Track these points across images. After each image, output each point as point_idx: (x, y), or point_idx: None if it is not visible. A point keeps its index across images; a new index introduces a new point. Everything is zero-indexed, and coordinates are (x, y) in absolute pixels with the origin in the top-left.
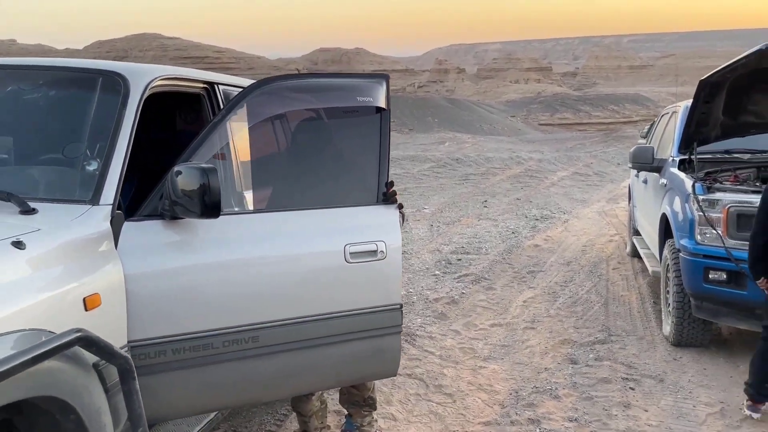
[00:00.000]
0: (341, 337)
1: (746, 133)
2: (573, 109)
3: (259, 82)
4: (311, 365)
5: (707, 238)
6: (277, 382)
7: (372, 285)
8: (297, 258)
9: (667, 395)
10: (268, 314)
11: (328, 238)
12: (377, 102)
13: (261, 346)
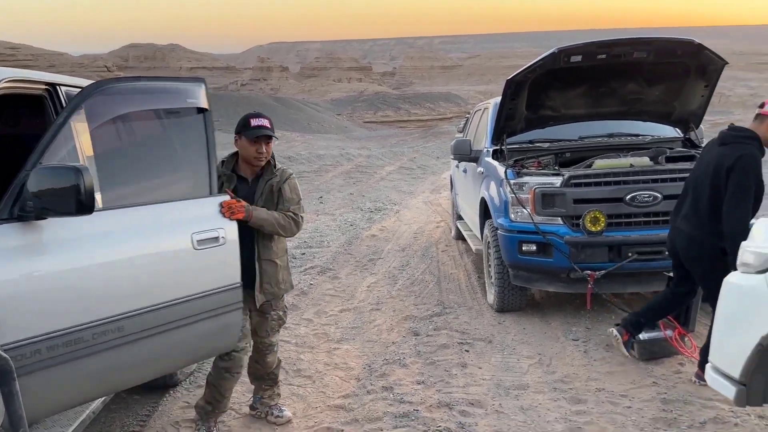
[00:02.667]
0: (196, 317)
1: (546, 125)
2: (394, 107)
3: (95, 84)
4: (173, 346)
5: (519, 216)
6: (145, 366)
7: (217, 268)
8: (149, 249)
9: (495, 353)
10: (130, 304)
11: (176, 228)
12: (200, 103)
13: (127, 335)
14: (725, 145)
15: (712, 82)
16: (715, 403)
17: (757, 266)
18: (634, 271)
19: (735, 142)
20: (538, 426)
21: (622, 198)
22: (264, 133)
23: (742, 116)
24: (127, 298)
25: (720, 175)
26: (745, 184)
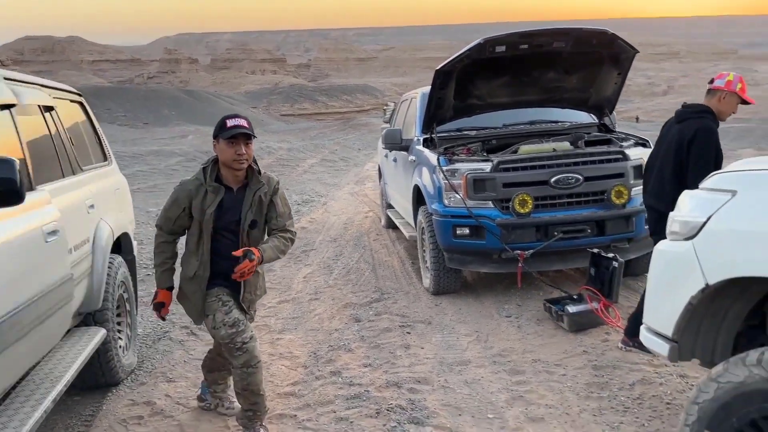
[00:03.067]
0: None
1: (472, 113)
2: (311, 100)
3: None
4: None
5: (452, 201)
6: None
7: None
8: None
9: (436, 333)
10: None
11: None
12: None
13: None
14: (683, 122)
15: (624, 69)
16: (641, 366)
17: (684, 234)
18: (560, 249)
19: (691, 117)
20: (483, 397)
21: (547, 181)
22: (241, 132)
23: (641, 104)
24: None
25: (683, 150)
26: (706, 154)
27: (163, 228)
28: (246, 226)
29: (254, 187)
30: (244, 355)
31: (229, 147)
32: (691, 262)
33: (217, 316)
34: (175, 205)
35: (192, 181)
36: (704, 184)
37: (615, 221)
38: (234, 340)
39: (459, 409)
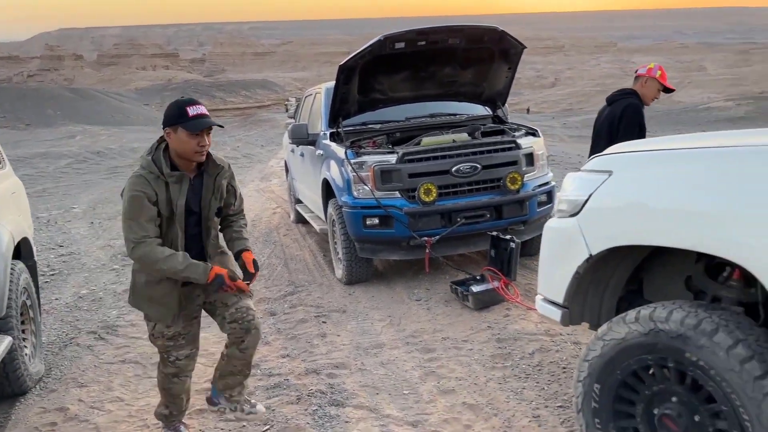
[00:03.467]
0: None
1: (376, 107)
2: (208, 96)
3: None
4: None
5: (361, 192)
6: None
7: None
8: None
9: (351, 321)
10: None
11: None
12: None
13: None
14: (614, 103)
15: (514, 64)
16: (539, 336)
17: (570, 211)
18: (463, 234)
19: (619, 98)
20: (398, 375)
21: (449, 170)
22: (209, 124)
23: (531, 96)
24: None
25: (614, 126)
26: (632, 128)
27: (150, 234)
28: (212, 215)
29: (213, 173)
30: (173, 368)
31: (191, 138)
32: (576, 235)
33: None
34: (144, 207)
35: (144, 175)
36: (585, 167)
37: (511, 206)
38: (169, 353)
39: (376, 389)
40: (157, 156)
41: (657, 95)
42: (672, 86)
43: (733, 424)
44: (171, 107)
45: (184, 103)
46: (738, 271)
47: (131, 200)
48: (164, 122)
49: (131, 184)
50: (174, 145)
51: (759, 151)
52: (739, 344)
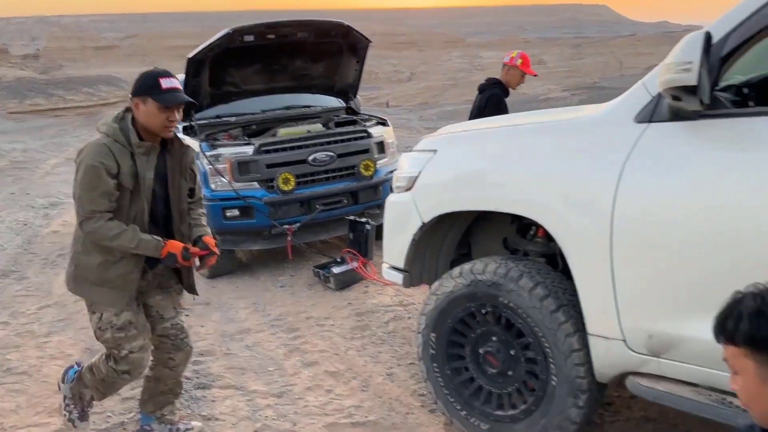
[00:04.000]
0: None
1: (230, 100)
2: (44, 94)
3: None
4: None
5: (219, 185)
6: None
7: None
8: None
9: (215, 312)
10: None
11: None
12: None
13: None
14: (482, 92)
15: (361, 58)
16: (394, 307)
17: (405, 186)
18: (323, 220)
19: (486, 88)
20: (264, 355)
21: (305, 159)
22: (182, 100)
23: (389, 90)
24: None
25: (482, 113)
26: (489, 115)
27: (101, 209)
28: (183, 196)
29: (177, 152)
30: (126, 365)
31: (161, 112)
32: (411, 207)
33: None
34: (101, 179)
35: (108, 144)
36: (416, 147)
37: (366, 191)
38: (121, 346)
39: (243, 369)
40: (125, 125)
41: (521, 80)
42: (534, 72)
43: (538, 352)
44: (143, 77)
45: (157, 74)
46: (541, 229)
47: (88, 170)
48: (134, 91)
49: (91, 153)
50: (141, 118)
51: (539, 128)
52: (539, 286)
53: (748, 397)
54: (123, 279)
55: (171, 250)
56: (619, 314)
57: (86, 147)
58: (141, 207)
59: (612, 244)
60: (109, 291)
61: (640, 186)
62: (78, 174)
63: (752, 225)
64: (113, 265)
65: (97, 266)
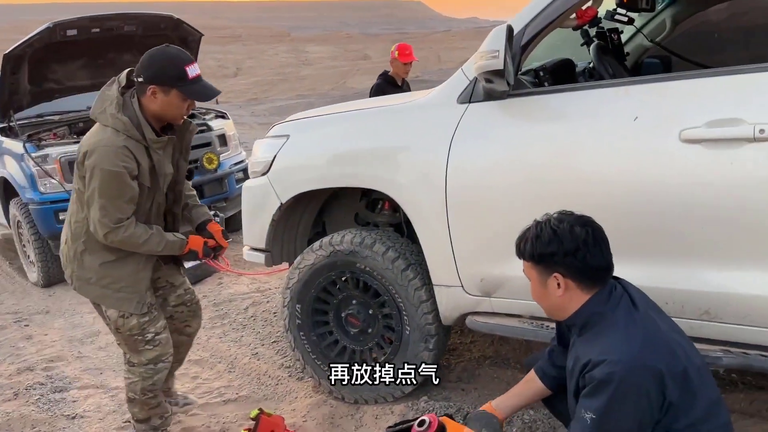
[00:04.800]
0: None
1: (53, 97)
2: None
3: None
4: None
5: (49, 186)
6: None
7: None
8: None
9: (57, 319)
10: None
11: None
12: None
13: None
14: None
15: (194, 51)
16: (251, 294)
17: (261, 171)
18: None
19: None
20: (118, 355)
21: None
22: (216, 93)
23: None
24: None
25: None
26: None
27: (128, 215)
28: (182, 177)
29: (183, 130)
30: (155, 349)
31: (182, 102)
32: (269, 189)
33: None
34: (126, 185)
35: (122, 140)
36: (268, 133)
37: (211, 184)
38: (145, 330)
39: (100, 369)
40: (132, 114)
41: (405, 69)
42: (413, 58)
43: (392, 308)
44: (164, 62)
45: (181, 60)
46: (387, 203)
47: (110, 177)
48: (151, 78)
49: (108, 156)
50: (157, 107)
51: (380, 111)
52: (390, 250)
53: (536, 297)
54: (132, 278)
55: (193, 247)
56: (457, 265)
57: (97, 148)
58: (158, 202)
59: (447, 208)
60: (116, 293)
61: (465, 158)
62: (94, 180)
63: (549, 183)
64: (121, 263)
65: (99, 266)
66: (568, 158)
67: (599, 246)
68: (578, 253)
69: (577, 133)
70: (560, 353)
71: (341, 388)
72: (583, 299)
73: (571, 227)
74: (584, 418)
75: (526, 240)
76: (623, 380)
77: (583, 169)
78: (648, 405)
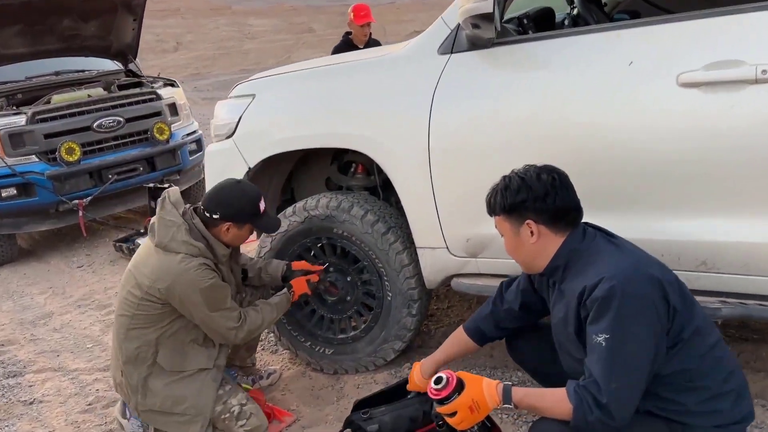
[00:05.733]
0: None
1: None
2: None
3: None
4: None
5: None
6: None
7: None
8: None
9: (5, 302)
10: None
11: None
12: None
13: None
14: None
15: (138, 15)
16: None
17: (226, 134)
18: (118, 191)
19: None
20: (77, 334)
21: (90, 126)
22: (278, 225)
23: (155, 61)
24: None
25: None
26: None
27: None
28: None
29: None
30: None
31: (250, 233)
32: (235, 153)
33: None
34: (225, 287)
35: (202, 260)
36: (231, 93)
37: (162, 156)
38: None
39: (56, 352)
40: (197, 237)
41: (363, 32)
42: (370, 18)
43: (373, 273)
44: (243, 201)
45: (257, 197)
46: (360, 165)
47: (211, 290)
48: (232, 217)
49: (197, 276)
50: (226, 238)
51: (354, 66)
52: (368, 213)
53: (511, 251)
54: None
55: (300, 291)
56: (442, 226)
57: (179, 278)
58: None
59: (431, 166)
60: (180, 417)
61: (448, 112)
62: (198, 304)
63: (539, 135)
64: (188, 380)
65: (165, 386)
66: (560, 108)
67: (566, 189)
68: (548, 198)
69: (568, 82)
70: (511, 316)
71: (321, 358)
72: (558, 242)
73: (537, 174)
74: (598, 342)
75: (495, 193)
76: (625, 291)
77: (576, 120)
78: (655, 312)
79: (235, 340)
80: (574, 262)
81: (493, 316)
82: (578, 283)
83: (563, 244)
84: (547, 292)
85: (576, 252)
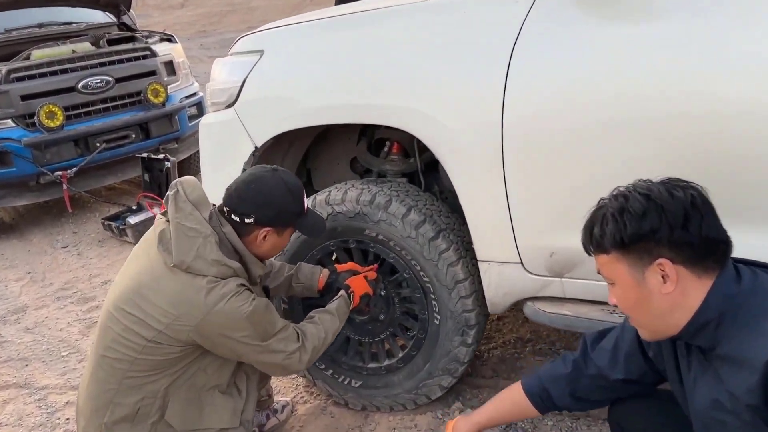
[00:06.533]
0: None
1: None
2: None
3: None
4: None
5: None
6: None
7: None
8: None
9: None
10: None
11: None
12: None
13: None
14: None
15: None
16: None
17: (226, 101)
18: (107, 161)
19: None
20: (52, 336)
21: (74, 87)
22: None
23: (161, 18)
24: None
25: None
26: None
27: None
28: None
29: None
30: None
31: (287, 240)
32: (238, 127)
33: None
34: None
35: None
36: (232, 50)
37: (158, 122)
38: None
39: (25, 360)
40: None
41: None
42: None
43: (415, 289)
44: (284, 197)
45: (298, 190)
46: (396, 144)
47: (256, 316)
48: (271, 221)
49: (237, 303)
50: (263, 249)
51: (397, 11)
52: (412, 210)
53: (628, 306)
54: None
55: (361, 292)
56: (515, 234)
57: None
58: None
59: (503, 152)
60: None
61: (533, 76)
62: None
63: (660, 114)
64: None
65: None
66: (691, 76)
67: (711, 211)
68: (690, 224)
69: (722, 36)
70: (598, 387)
71: (345, 391)
72: (703, 288)
73: (668, 191)
74: None
75: (603, 220)
76: None
77: (727, 94)
78: None
79: (300, 366)
80: (733, 315)
81: (571, 382)
82: (754, 347)
83: (712, 291)
84: (673, 362)
85: (733, 300)
